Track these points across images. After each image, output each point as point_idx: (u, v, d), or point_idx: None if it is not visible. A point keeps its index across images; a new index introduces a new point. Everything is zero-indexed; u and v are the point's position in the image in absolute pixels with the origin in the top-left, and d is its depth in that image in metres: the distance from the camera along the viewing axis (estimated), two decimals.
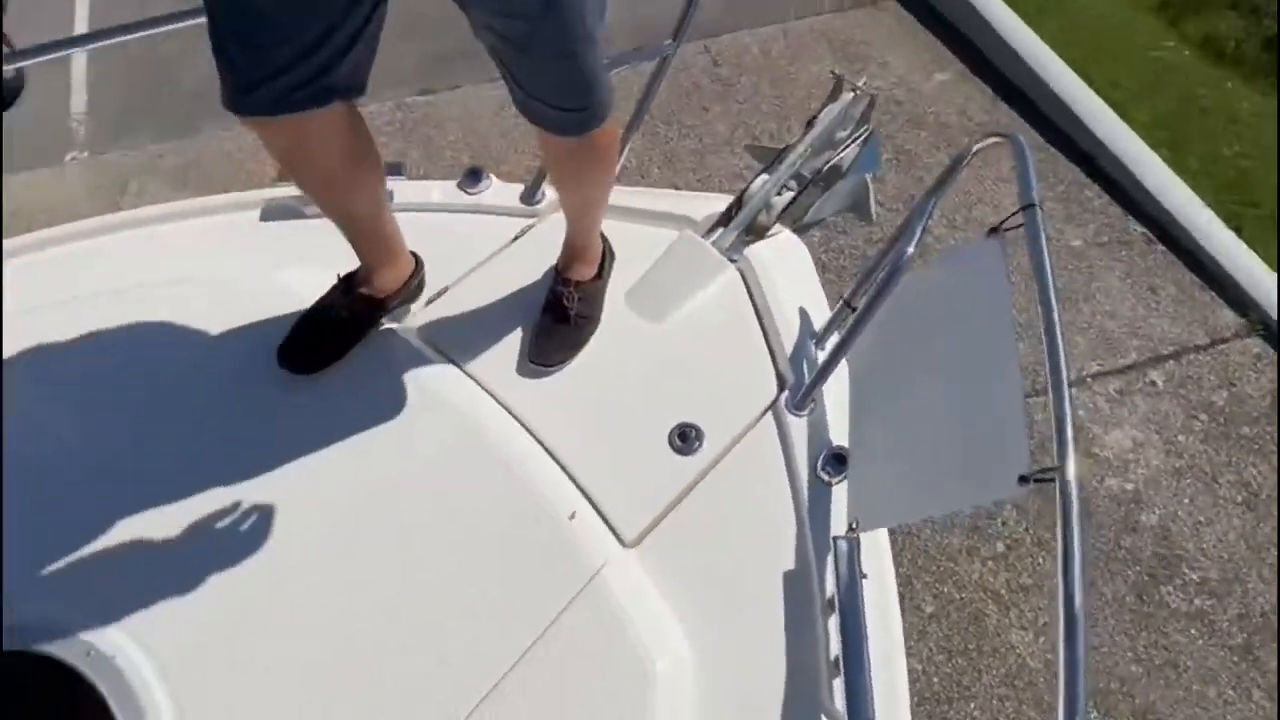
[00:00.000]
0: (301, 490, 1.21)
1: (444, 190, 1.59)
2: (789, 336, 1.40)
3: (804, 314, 1.43)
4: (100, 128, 4.48)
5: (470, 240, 1.53)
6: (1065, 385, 0.89)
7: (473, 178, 1.59)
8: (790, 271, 1.50)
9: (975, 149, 1.20)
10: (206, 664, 1.07)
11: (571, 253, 1.41)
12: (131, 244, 1.59)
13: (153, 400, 1.30)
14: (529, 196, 1.57)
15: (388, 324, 1.39)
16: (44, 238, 1.62)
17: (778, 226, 1.56)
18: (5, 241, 1.62)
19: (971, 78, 3.81)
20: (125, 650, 1.06)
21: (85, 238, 1.61)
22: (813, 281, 1.53)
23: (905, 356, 1.28)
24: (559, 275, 1.41)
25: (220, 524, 1.18)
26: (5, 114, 1.57)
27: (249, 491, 1.20)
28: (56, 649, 1.05)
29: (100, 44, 1.48)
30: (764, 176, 1.55)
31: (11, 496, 1.14)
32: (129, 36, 1.50)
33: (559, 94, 1.06)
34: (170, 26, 1.52)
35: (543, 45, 0.98)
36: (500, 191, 1.60)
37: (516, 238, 1.54)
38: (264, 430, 1.28)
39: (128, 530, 1.16)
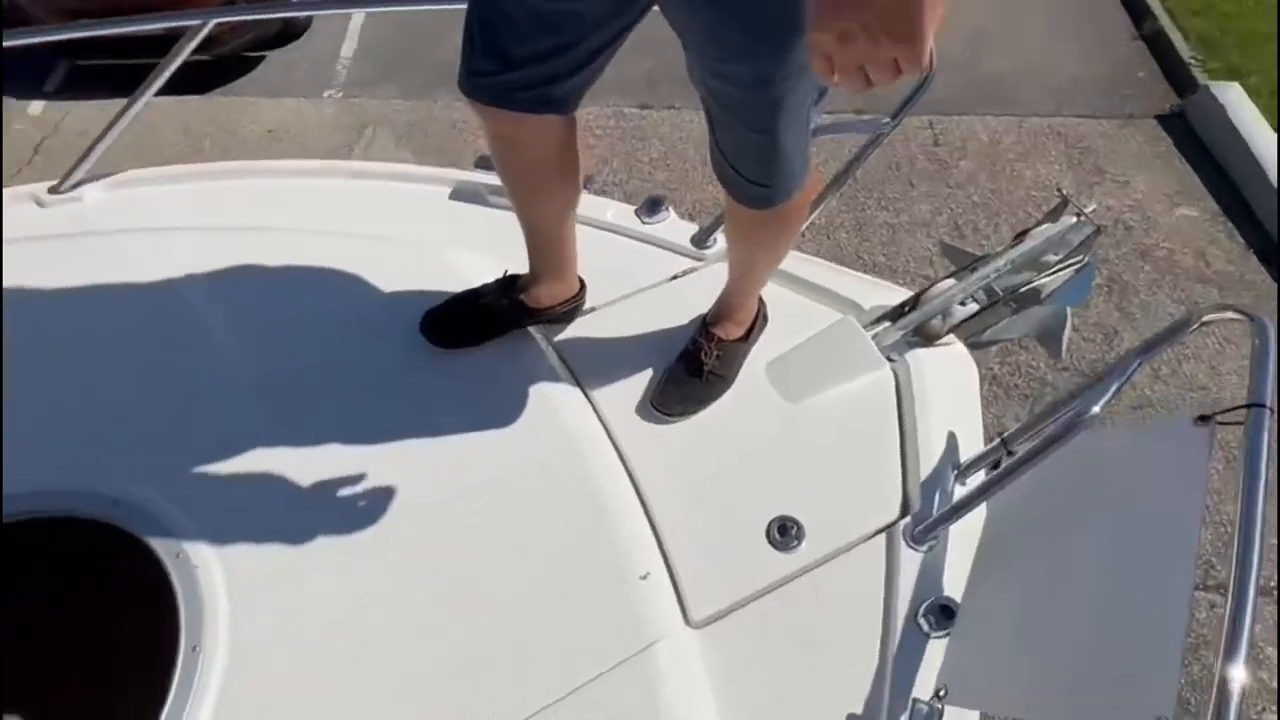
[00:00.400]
0: (397, 455, 1.24)
1: (619, 213, 1.59)
2: (929, 459, 1.27)
3: (952, 439, 1.30)
4: (358, 74, 4.97)
5: (631, 268, 1.52)
6: (1250, 605, 0.74)
7: (651, 207, 1.58)
8: (951, 389, 1.37)
9: (1205, 319, 1.04)
10: (265, 589, 1.12)
11: (724, 307, 1.36)
12: (334, 190, 1.72)
13: (295, 333, 1.40)
14: (700, 239, 1.54)
15: (526, 322, 1.41)
16: (269, 167, 1.78)
17: (951, 337, 1.43)
18: (241, 162, 1.80)
19: (1223, 220, 3.40)
20: (204, 553, 1.13)
21: (299, 176, 1.75)
22: (973, 406, 1.39)
23: (1055, 524, 1.13)
24: (705, 326, 1.36)
25: (315, 459, 1.23)
26: (289, 46, 1.73)
27: (349, 436, 1.25)
28: (154, 539, 1.13)
29: (374, 9, 1.62)
30: (952, 281, 1.43)
31: (151, 385, 1.28)
32: (401, 9, 1.63)
33: (750, 164, 1.04)
34: (436, 6, 1.64)
35: (746, 115, 0.96)
36: (674, 227, 1.58)
37: (676, 277, 1.52)
38: (383, 386, 1.33)
39: (233, 439, 1.25)
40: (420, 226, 1.61)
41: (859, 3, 0.61)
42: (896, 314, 1.43)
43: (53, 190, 1.70)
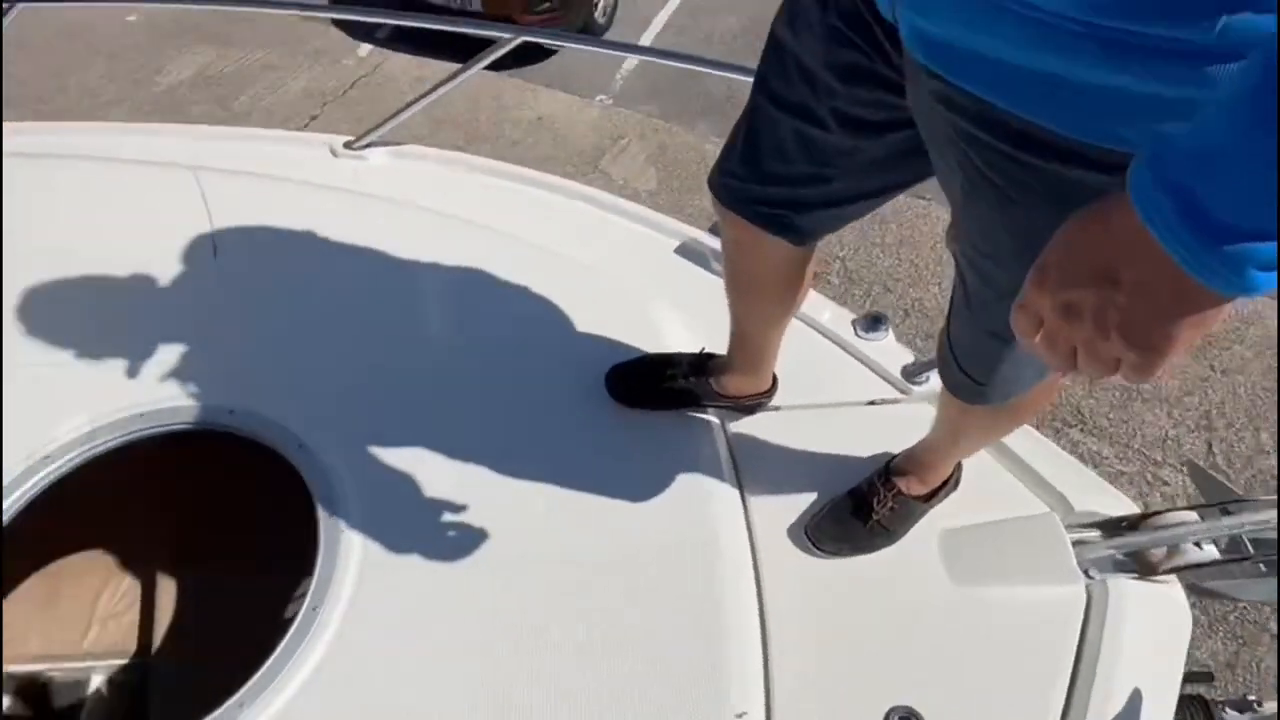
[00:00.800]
0: (539, 483, 1.26)
1: (836, 318, 1.52)
2: (1101, 707, 1.10)
3: (1136, 699, 1.11)
4: (631, 88, 5.24)
5: (830, 379, 1.45)
6: None
7: (871, 323, 1.50)
8: (1152, 638, 1.17)
9: None
10: (391, 551, 1.20)
11: (914, 459, 1.25)
12: (572, 211, 1.79)
13: (488, 335, 1.48)
14: (912, 373, 1.44)
15: (707, 403, 1.38)
16: (537, 178, 1.89)
17: (1171, 576, 1.23)
18: (508, 165, 1.92)
19: None
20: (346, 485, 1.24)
21: (549, 190, 1.84)
22: (1174, 665, 1.18)
23: None
24: (887, 471, 1.26)
25: (464, 455, 1.30)
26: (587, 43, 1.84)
27: (503, 449, 1.30)
28: (302, 461, 1.26)
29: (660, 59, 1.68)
30: (1194, 516, 1.22)
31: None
32: (682, 65, 1.69)
33: (971, 358, 0.94)
34: (726, 73, 1.67)
35: (986, 315, 0.86)
36: (888, 349, 1.49)
37: (874, 403, 1.42)
38: (549, 414, 1.36)
39: (398, 410, 1.35)
40: (638, 271, 1.64)
41: (1106, 277, 0.46)
42: (1112, 527, 1.25)
43: (347, 145, 1.91)
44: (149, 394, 1.34)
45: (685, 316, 1.53)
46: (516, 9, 5.23)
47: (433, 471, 1.28)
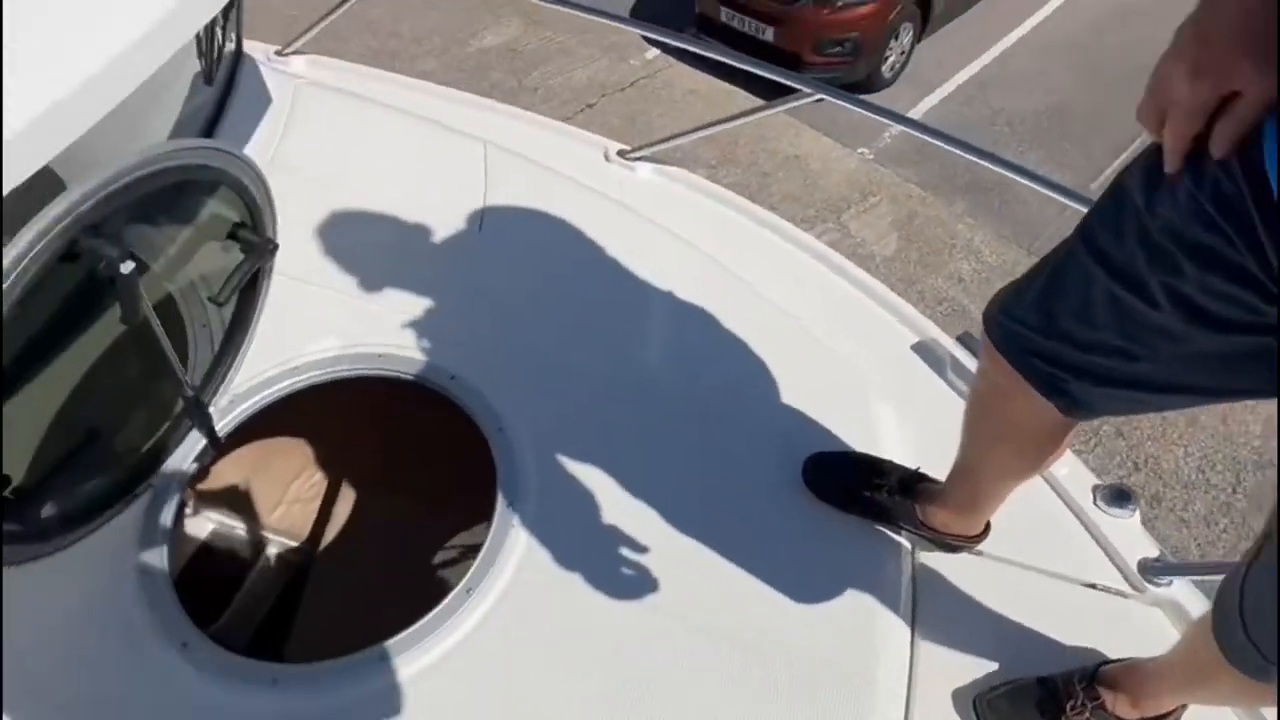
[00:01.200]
0: (707, 548, 1.25)
1: (1076, 479, 1.34)
2: None
3: None
4: (898, 148, 5.04)
5: (1052, 543, 1.29)
6: None
7: (1117, 497, 1.31)
8: None
9: None
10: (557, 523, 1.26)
11: (1135, 675, 1.08)
12: (811, 272, 1.74)
13: (706, 372, 1.49)
14: (1152, 571, 1.24)
15: (905, 526, 1.28)
16: (759, 214, 1.87)
17: None
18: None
19: None
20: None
21: (791, 241, 1.80)
22: None
23: None
24: (1093, 676, 1.09)
25: (641, 478, 1.32)
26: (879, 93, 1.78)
27: (681, 484, 1.31)
28: (498, 443, 1.33)
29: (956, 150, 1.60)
30: None
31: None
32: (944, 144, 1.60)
33: (1268, 618, 0.77)
34: (989, 164, 1.56)
35: None
36: (1129, 532, 1.30)
37: (1094, 587, 1.25)
38: (737, 474, 1.34)
39: (587, 407, 1.41)
40: (869, 356, 1.55)
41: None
42: None
43: (620, 153, 1.97)
44: (389, 336, 1.47)
45: (906, 422, 1.43)
46: (806, 48, 5.21)
47: (612, 496, 1.29)
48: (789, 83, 1.83)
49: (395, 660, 1.11)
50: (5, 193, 0.79)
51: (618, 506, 1.28)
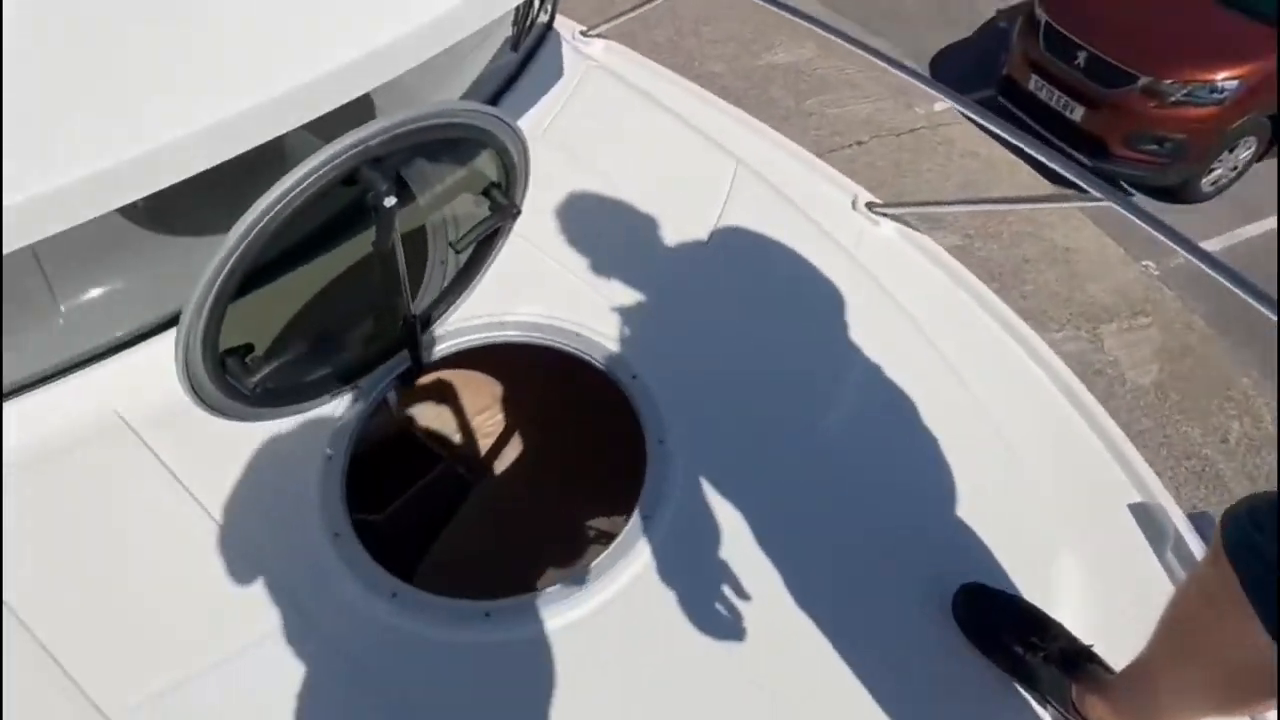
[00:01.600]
0: (831, 649, 1.19)
1: None
2: None
3: None
4: (1192, 271, 4.42)
5: None
6: None
7: None
8: None
9: None
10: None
11: None
12: (1039, 388, 1.58)
13: (884, 445, 1.44)
14: None
15: (1052, 703, 1.12)
16: (1006, 317, 1.71)
17: None
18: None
19: None
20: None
21: (1032, 355, 1.64)
22: None
23: None
24: None
25: (783, 554, 1.28)
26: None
27: (820, 574, 1.27)
28: (656, 454, 1.36)
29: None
30: None
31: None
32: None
33: None
34: None
35: None
36: None
37: None
38: (882, 578, 1.27)
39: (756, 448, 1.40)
40: (1074, 499, 1.38)
41: None
42: None
43: (869, 205, 1.90)
44: (589, 319, 1.53)
45: (1095, 588, 1.26)
46: (1116, 138, 4.69)
47: (745, 548, 1.26)
48: (1078, 180, 1.66)
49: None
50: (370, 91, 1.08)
51: (746, 561, 1.24)
